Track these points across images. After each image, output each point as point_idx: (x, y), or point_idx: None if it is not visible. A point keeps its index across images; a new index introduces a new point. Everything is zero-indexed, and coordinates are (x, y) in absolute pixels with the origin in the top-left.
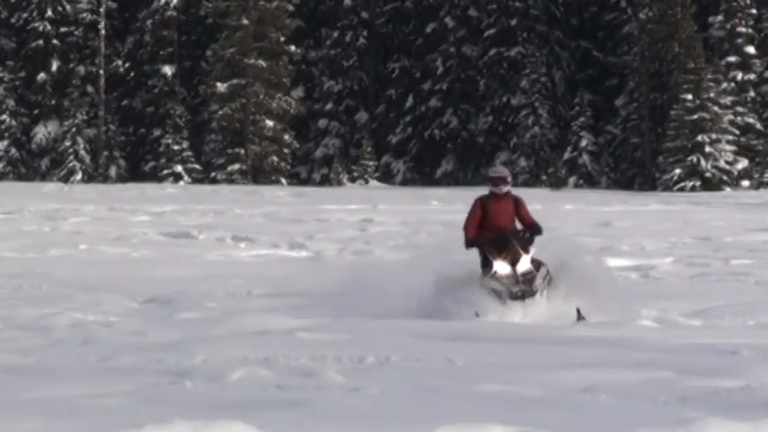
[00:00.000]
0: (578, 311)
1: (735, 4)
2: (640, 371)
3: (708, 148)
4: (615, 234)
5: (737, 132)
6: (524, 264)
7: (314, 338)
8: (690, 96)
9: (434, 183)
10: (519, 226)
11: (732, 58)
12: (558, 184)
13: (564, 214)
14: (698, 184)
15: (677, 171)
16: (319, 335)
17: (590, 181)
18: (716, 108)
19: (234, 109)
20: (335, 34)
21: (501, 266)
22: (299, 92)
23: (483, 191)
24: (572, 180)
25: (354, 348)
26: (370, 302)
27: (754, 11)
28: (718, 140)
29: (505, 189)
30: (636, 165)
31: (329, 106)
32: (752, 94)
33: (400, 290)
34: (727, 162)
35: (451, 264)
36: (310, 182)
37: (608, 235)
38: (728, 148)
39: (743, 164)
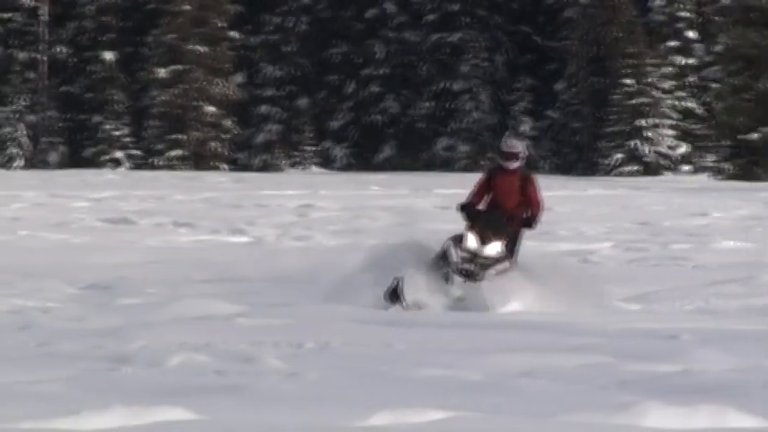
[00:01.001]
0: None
1: None
2: (579, 355)
3: (648, 133)
4: (554, 219)
5: (678, 117)
6: (492, 249)
7: (253, 324)
8: (630, 81)
9: (375, 168)
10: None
11: (672, 43)
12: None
13: None
14: (638, 168)
15: (617, 156)
16: (259, 320)
17: (530, 165)
18: (656, 92)
19: (174, 95)
20: (276, 20)
21: (471, 239)
22: (239, 77)
23: (424, 176)
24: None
25: (293, 334)
26: (313, 288)
27: None
28: (658, 125)
29: (515, 165)
30: (576, 149)
31: (270, 92)
32: (692, 78)
33: (344, 276)
34: (667, 147)
35: (393, 250)
36: (251, 167)
37: (547, 220)
38: (668, 132)
39: (683, 148)
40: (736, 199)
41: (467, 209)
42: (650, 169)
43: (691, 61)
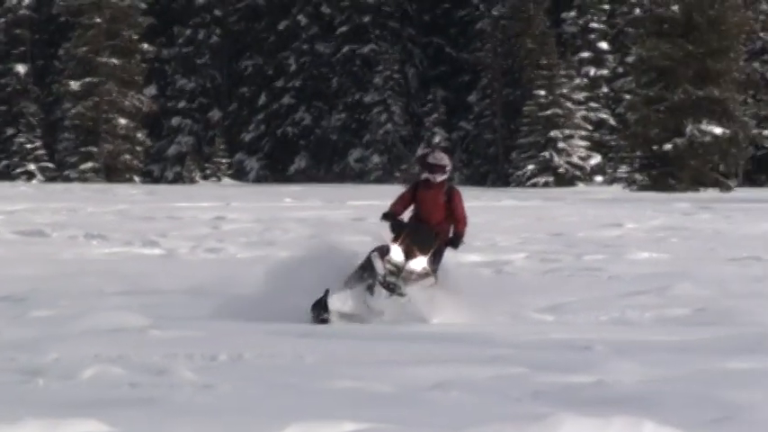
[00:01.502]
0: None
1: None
2: (492, 367)
3: (561, 144)
4: (468, 230)
5: (590, 128)
6: (417, 264)
7: (166, 336)
8: (543, 92)
9: (288, 180)
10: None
11: (585, 54)
12: (411, 180)
13: None
14: (551, 179)
15: (530, 167)
16: (172, 332)
17: (448, 173)
18: (569, 104)
19: (87, 107)
20: (188, 32)
21: (396, 253)
22: (151, 90)
23: (337, 188)
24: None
25: (207, 346)
26: (226, 300)
27: (606, 6)
28: (571, 136)
29: (441, 178)
30: (489, 161)
31: (182, 104)
32: (605, 89)
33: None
34: (579, 158)
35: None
36: (163, 180)
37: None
38: (581, 143)
39: (596, 159)
40: (649, 210)
41: (392, 221)
42: (563, 180)
43: (603, 72)
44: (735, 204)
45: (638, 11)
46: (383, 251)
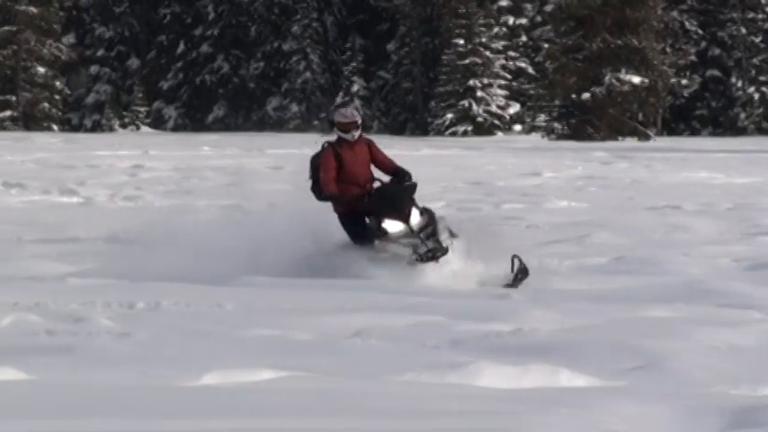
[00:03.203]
0: (518, 260)
1: None
2: (410, 315)
3: (479, 93)
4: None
5: (509, 77)
6: (416, 216)
7: (84, 284)
8: (461, 41)
9: (206, 128)
10: (380, 175)
11: (504, 3)
12: (329, 129)
13: None
14: (470, 128)
15: (449, 116)
16: (90, 280)
17: (362, 126)
18: (487, 53)
19: (5, 56)
20: None
21: (392, 224)
22: (70, 38)
23: (255, 137)
24: None
25: (124, 294)
26: (143, 248)
27: None
28: (490, 85)
29: (357, 134)
30: (408, 109)
31: (100, 52)
32: (524, 38)
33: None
34: (498, 107)
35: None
36: (82, 128)
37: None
38: (500, 92)
39: (515, 108)
40: (568, 159)
41: (346, 200)
42: (482, 129)
43: (522, 21)
44: (653, 153)
45: None
46: (381, 235)
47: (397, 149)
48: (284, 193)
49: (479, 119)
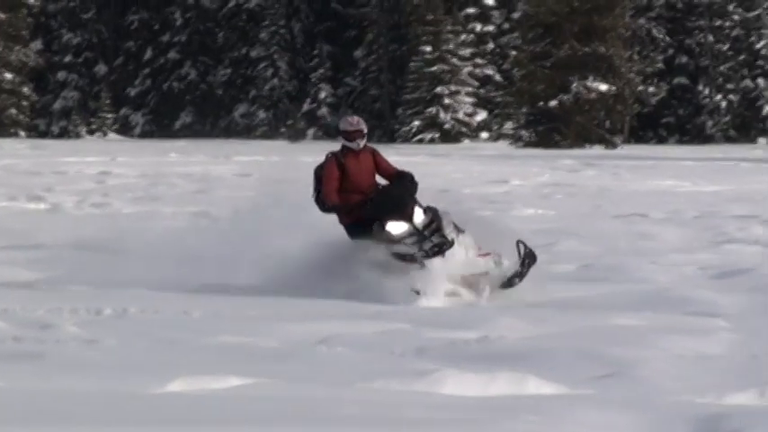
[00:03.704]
0: (522, 245)
1: None
2: (377, 322)
3: (447, 100)
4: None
5: (476, 84)
6: (419, 214)
7: (52, 291)
8: (429, 48)
9: (173, 135)
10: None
11: (471, 10)
12: (296, 136)
13: (302, 166)
14: (437, 135)
15: (416, 123)
16: (57, 287)
17: (329, 133)
18: (455, 60)
19: None
20: None
21: (394, 226)
22: (38, 44)
23: (222, 144)
24: (311, 132)
25: (92, 301)
26: (110, 255)
27: None
28: (458, 92)
29: (363, 143)
30: (375, 116)
31: (68, 59)
32: (491, 45)
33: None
34: (466, 114)
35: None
36: (49, 134)
37: None
38: (467, 99)
39: (482, 116)
40: (535, 166)
41: (345, 210)
42: (450, 136)
43: (489, 28)
44: (620, 161)
45: None
46: (385, 237)
47: None
48: (251, 200)
49: (446, 126)
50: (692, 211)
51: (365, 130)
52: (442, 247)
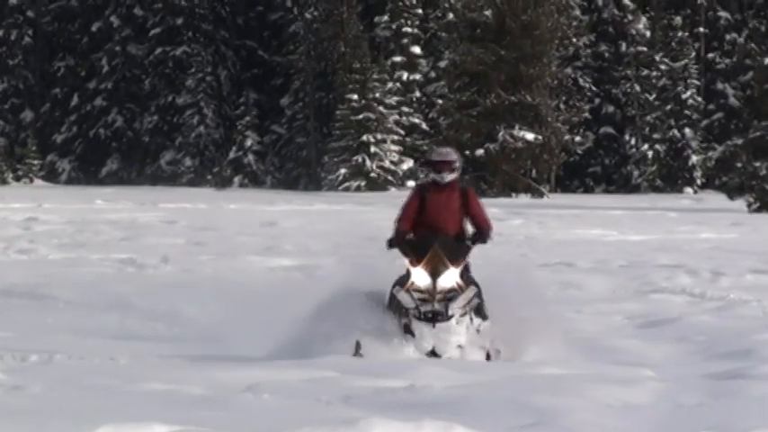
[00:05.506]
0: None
1: (401, 4)
2: (304, 370)
3: (373, 148)
4: (280, 233)
5: (403, 133)
6: (448, 279)
7: None
8: (355, 96)
9: (100, 182)
10: (469, 228)
11: (398, 58)
12: (222, 183)
13: (228, 214)
14: (363, 183)
15: (342, 171)
16: None
17: (255, 180)
18: (381, 108)
19: None
20: (0, 33)
21: (419, 276)
22: None
23: (149, 191)
24: (237, 179)
25: (17, 346)
26: (36, 302)
27: (420, 11)
28: (384, 141)
29: (450, 177)
30: (301, 164)
31: None
32: (417, 94)
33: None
34: (392, 162)
35: None
36: None
37: (272, 234)
38: (394, 148)
39: (408, 164)
40: None
41: (400, 243)
42: (376, 185)
43: (416, 77)
44: (547, 210)
45: (451, 15)
46: (403, 281)
47: (291, 204)
48: (177, 247)
49: (373, 174)
50: (618, 260)
51: (455, 164)
52: (435, 317)
